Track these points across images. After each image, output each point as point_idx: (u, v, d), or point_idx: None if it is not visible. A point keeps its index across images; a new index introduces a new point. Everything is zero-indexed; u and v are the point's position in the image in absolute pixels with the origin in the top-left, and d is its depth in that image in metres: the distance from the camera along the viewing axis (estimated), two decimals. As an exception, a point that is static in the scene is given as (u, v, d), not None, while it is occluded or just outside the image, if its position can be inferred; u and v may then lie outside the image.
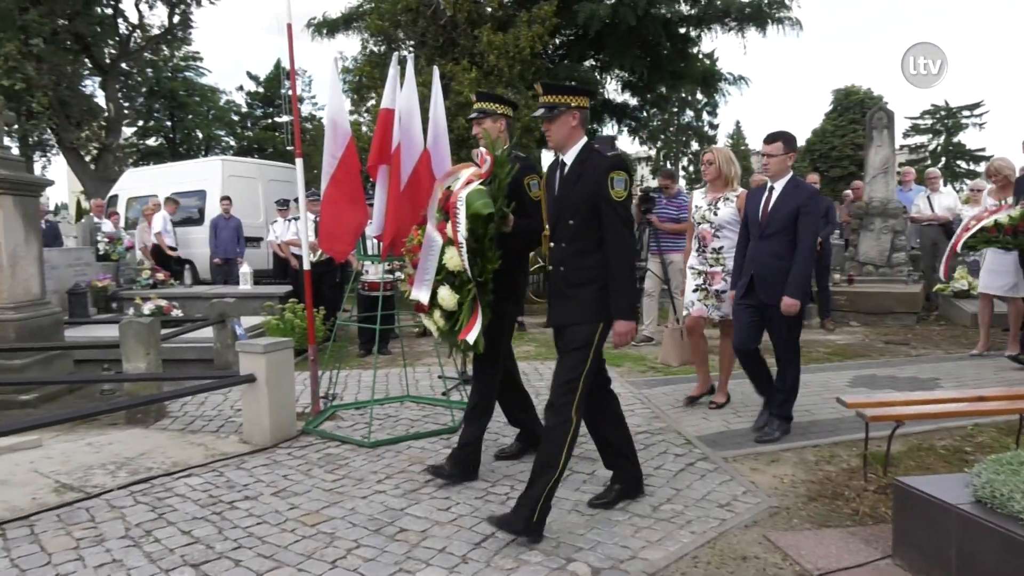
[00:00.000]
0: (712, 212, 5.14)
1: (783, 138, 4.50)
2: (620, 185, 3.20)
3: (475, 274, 3.60)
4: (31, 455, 4.32)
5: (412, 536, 3.25)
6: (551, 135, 3.38)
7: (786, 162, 4.49)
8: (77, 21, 21.67)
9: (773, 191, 4.51)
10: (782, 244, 4.41)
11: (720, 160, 5.15)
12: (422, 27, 14.26)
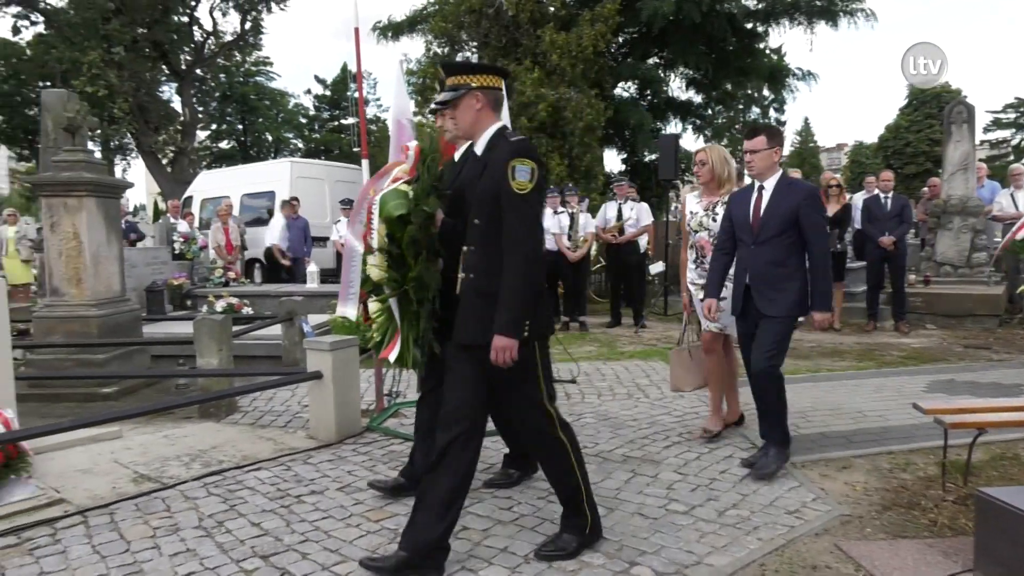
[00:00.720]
0: (710, 218, 4.53)
1: (767, 131, 4.04)
2: (523, 175, 2.73)
3: (391, 284, 3.22)
4: (112, 446, 4.51)
5: (474, 535, 3.26)
6: (456, 123, 3.04)
7: (772, 157, 4.00)
8: (155, 29, 22.56)
9: (763, 191, 4.01)
10: (780, 250, 3.92)
11: (714, 160, 4.54)
12: (485, 28, 14.34)
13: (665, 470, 4.05)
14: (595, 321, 9.90)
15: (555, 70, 13.47)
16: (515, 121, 13.03)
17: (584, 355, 7.53)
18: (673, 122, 17.40)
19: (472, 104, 2.92)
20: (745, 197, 4.09)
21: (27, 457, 3.86)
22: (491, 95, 2.95)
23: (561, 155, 13.42)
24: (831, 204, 8.84)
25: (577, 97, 13.45)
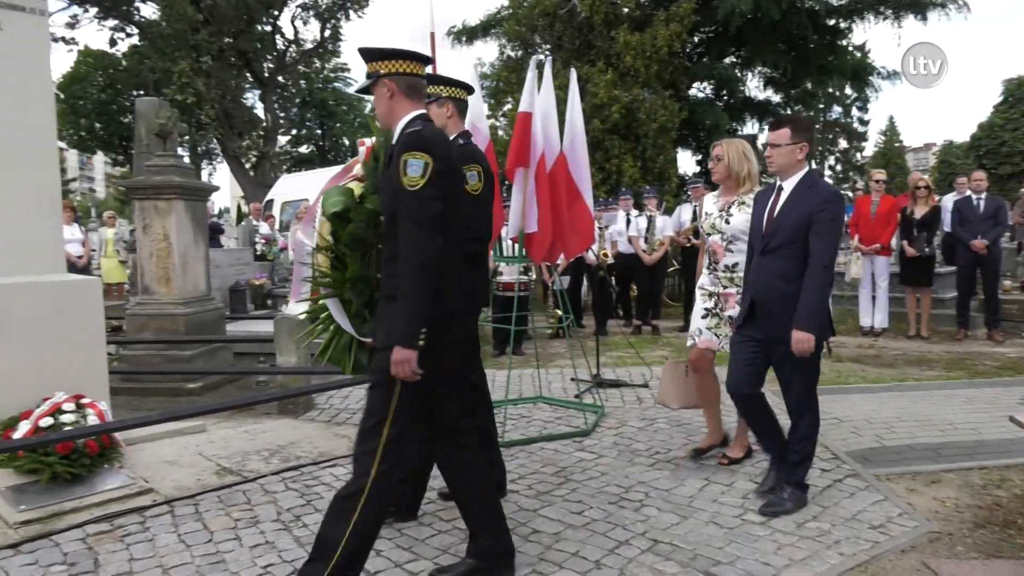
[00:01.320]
0: (723, 220, 4.05)
1: (792, 123, 3.55)
2: (414, 170, 2.52)
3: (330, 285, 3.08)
4: (196, 439, 4.68)
5: (545, 538, 3.25)
6: (376, 114, 2.88)
7: (795, 154, 3.48)
8: (241, 39, 23.43)
9: (782, 192, 3.53)
10: (790, 261, 3.42)
11: (731, 156, 4.06)
12: (558, 30, 14.33)
13: (741, 479, 3.95)
14: (669, 325, 9.75)
15: (629, 71, 13.36)
16: (588, 123, 12.93)
17: (657, 359, 7.41)
18: (750, 123, 17.03)
19: (383, 93, 2.74)
20: (764, 198, 3.64)
21: (119, 448, 4.05)
22: (403, 81, 2.73)
23: (634, 157, 13.29)
24: (919, 206, 8.48)
25: (651, 98, 13.30)
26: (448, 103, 3.51)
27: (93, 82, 28.07)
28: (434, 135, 2.68)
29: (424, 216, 2.53)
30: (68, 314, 4.25)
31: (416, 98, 2.77)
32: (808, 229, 3.36)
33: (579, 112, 5.31)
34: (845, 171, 38.31)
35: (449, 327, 2.69)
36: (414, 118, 2.71)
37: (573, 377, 6.32)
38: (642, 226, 9.45)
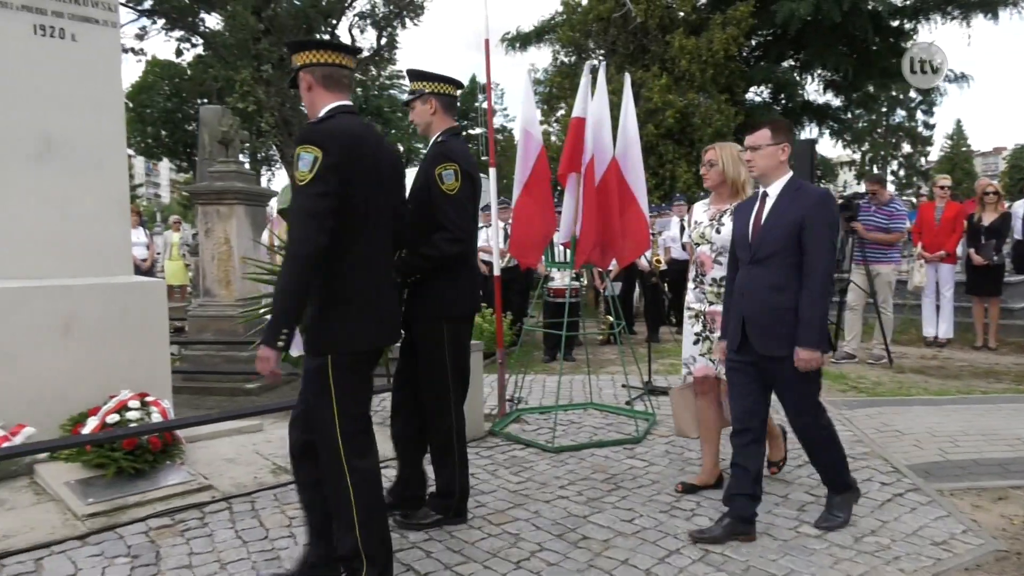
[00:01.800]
0: (714, 229, 3.75)
1: (772, 124, 3.29)
2: (304, 164, 2.45)
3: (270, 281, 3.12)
4: (254, 438, 4.80)
5: (595, 544, 3.23)
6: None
7: (778, 155, 3.23)
8: (300, 47, 23.86)
9: (767, 198, 3.26)
10: (781, 271, 3.16)
11: (725, 160, 3.75)
12: (612, 35, 14.30)
13: (796, 490, 3.87)
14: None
15: (684, 76, 13.25)
16: (642, 128, 12.85)
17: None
18: (809, 127, 16.69)
19: (303, 86, 2.73)
20: (748, 206, 3.36)
21: (181, 445, 4.18)
22: (319, 72, 2.69)
23: (689, 162, 13.15)
24: (987, 212, 8.19)
25: (706, 103, 13.15)
26: (431, 99, 3.41)
27: (160, 91, 29.12)
28: (336, 128, 2.56)
29: (303, 212, 2.45)
30: (134, 315, 4.40)
31: (336, 89, 2.69)
32: (799, 236, 3.12)
33: (633, 117, 5.29)
34: (909, 176, 37.19)
35: (352, 334, 2.58)
36: (331, 110, 2.64)
37: (624, 384, 6.27)
38: (696, 232, 9.34)
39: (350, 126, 2.61)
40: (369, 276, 2.60)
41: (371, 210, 2.59)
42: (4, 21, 4.14)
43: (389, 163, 2.76)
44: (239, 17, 21.55)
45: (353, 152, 2.53)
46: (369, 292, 2.60)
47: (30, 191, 4.28)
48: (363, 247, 2.57)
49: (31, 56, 4.24)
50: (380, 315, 2.66)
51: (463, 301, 3.39)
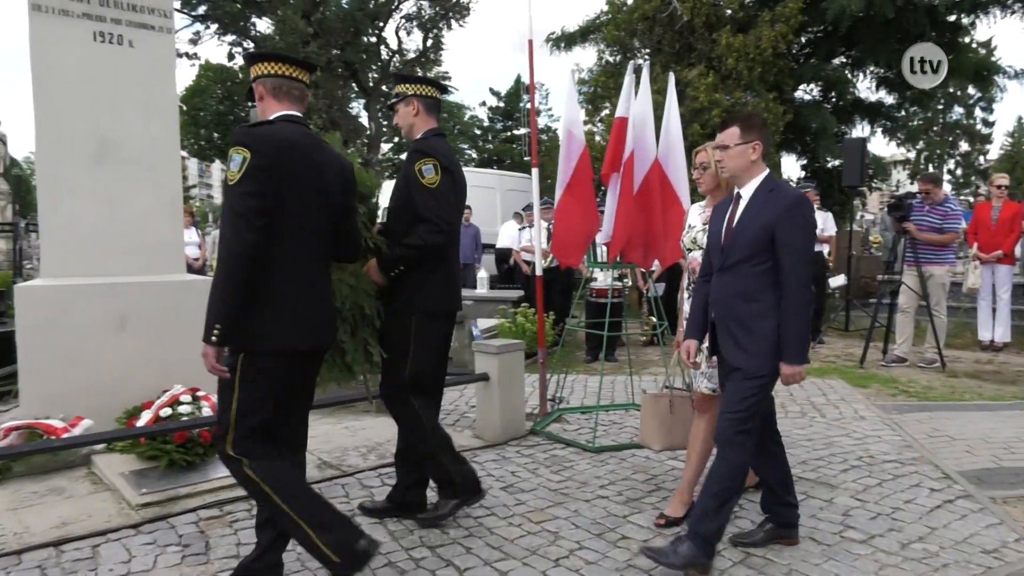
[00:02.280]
0: (706, 235, 3.44)
1: (742, 121, 3.04)
2: (233, 164, 2.50)
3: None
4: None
5: (634, 544, 3.23)
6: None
7: (748, 154, 2.99)
8: (347, 50, 24.33)
9: (740, 200, 3.04)
10: (750, 279, 2.94)
11: (708, 159, 3.50)
12: (658, 34, 14.18)
13: (841, 495, 3.80)
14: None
15: (731, 74, 13.06)
16: (687, 128, 12.74)
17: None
18: (860, 125, 16.27)
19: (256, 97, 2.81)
20: (724, 208, 3.14)
21: (230, 439, 4.29)
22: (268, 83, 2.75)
23: (735, 162, 12.97)
24: (1048, 213, 7.91)
25: (754, 101, 12.95)
26: (414, 101, 3.44)
27: (212, 94, 29.84)
28: (269, 132, 2.60)
29: (234, 211, 2.50)
30: (186, 312, 4.53)
31: (286, 100, 2.74)
32: (772, 241, 2.89)
33: (676, 117, 5.24)
34: (967, 175, 36.10)
35: (266, 334, 2.57)
36: (275, 118, 2.70)
37: (667, 385, 6.21)
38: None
39: (285, 132, 2.64)
40: (292, 280, 2.61)
41: (301, 216, 2.61)
42: (66, 29, 4.31)
43: (334, 174, 2.75)
44: (289, 21, 22.00)
45: (283, 156, 2.56)
46: (290, 295, 2.60)
47: (88, 192, 4.45)
48: (288, 251, 2.58)
49: (91, 62, 4.40)
50: (299, 319, 2.62)
51: (436, 296, 3.33)
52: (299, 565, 3.03)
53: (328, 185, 2.71)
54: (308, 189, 2.62)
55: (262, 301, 2.54)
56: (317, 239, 2.69)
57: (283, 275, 2.58)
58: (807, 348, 2.95)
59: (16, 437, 3.95)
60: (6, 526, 3.36)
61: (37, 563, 3.03)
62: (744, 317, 2.95)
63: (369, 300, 3.25)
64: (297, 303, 2.61)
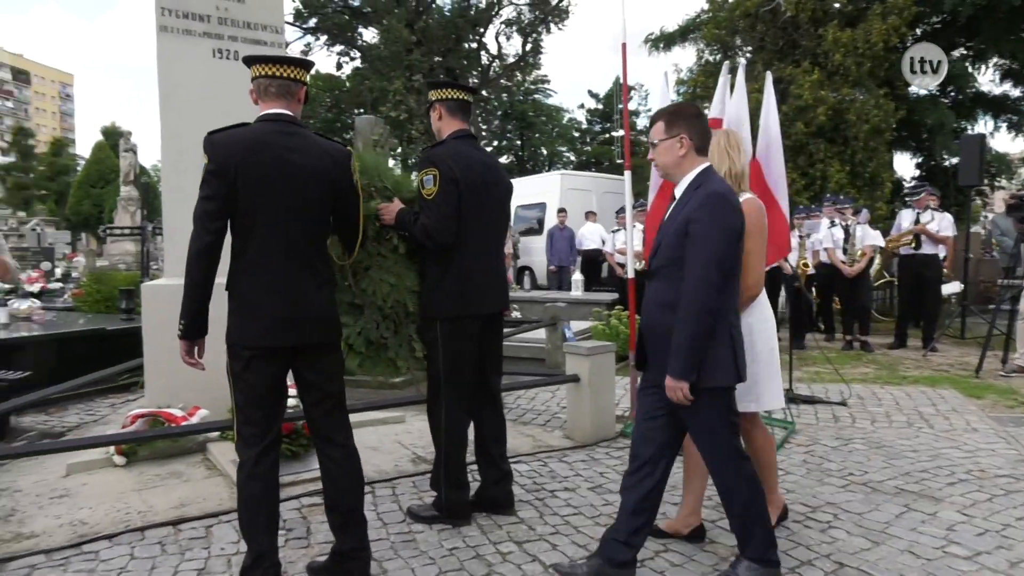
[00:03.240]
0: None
1: (666, 115, 2.85)
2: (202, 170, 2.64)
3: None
4: (396, 428, 5.10)
5: (721, 549, 3.21)
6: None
7: (675, 150, 2.78)
8: (449, 57, 24.87)
9: (674, 200, 2.85)
10: (670, 285, 2.70)
11: (712, 150, 3.10)
12: (760, 31, 13.82)
13: (946, 509, 3.63)
14: (879, 341, 9.07)
15: (837, 70, 12.57)
16: (791, 126, 12.39)
17: (858, 376, 6.95)
18: (982, 120, 15.33)
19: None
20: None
21: (331, 431, 4.51)
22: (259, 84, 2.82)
23: (842, 161, 12.48)
24: None
25: (862, 98, 12.42)
26: (437, 106, 3.52)
27: (321, 103, 31.12)
28: (228, 136, 2.66)
29: (195, 214, 2.63)
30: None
31: (266, 98, 2.79)
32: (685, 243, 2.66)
33: (775, 117, 5.14)
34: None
35: (238, 329, 2.67)
36: (257, 118, 2.78)
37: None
38: (838, 237, 8.88)
39: (250, 133, 2.69)
40: (256, 278, 2.66)
41: (267, 214, 2.64)
42: (190, 46, 4.65)
43: (312, 167, 2.72)
44: (393, 30, 22.69)
45: (235, 159, 2.60)
46: (254, 293, 2.65)
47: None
48: (253, 249, 2.65)
49: (211, 76, 4.73)
50: (263, 316, 2.66)
51: (451, 301, 3.34)
52: (392, 553, 3.18)
53: (302, 180, 2.69)
54: (274, 187, 2.64)
55: (234, 299, 2.69)
56: (287, 236, 2.68)
57: (247, 274, 2.67)
58: (693, 362, 2.59)
59: (141, 424, 4.30)
60: (132, 505, 3.67)
61: (158, 539, 3.30)
62: (660, 329, 2.73)
63: (412, 297, 3.41)
64: (259, 301, 2.66)
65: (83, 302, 9.61)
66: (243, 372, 2.69)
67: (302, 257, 2.72)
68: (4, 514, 3.57)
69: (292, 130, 2.75)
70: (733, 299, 2.73)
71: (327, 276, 2.85)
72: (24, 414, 5.55)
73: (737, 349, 2.70)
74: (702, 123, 2.84)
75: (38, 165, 60.89)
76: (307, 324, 2.73)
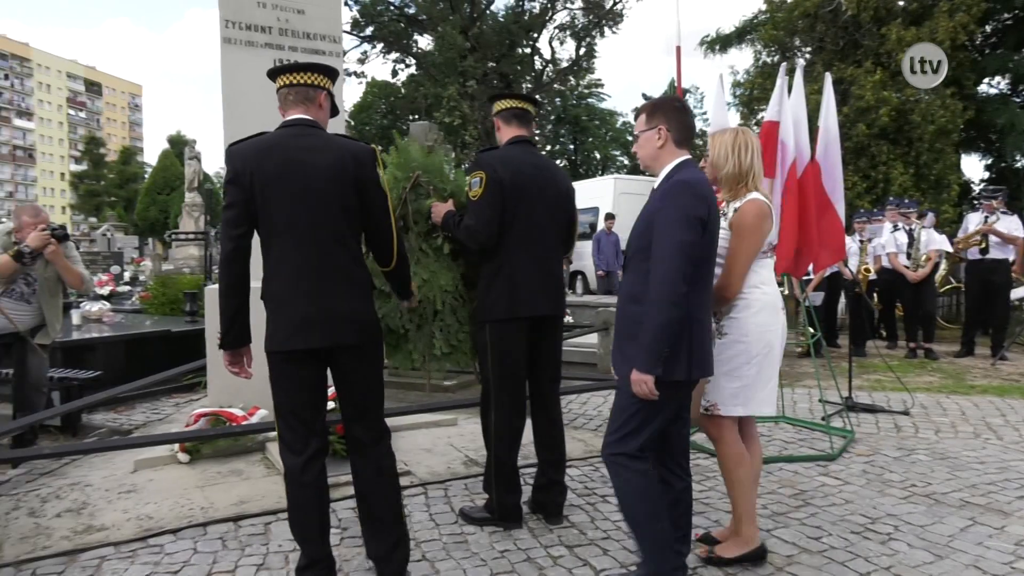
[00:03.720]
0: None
1: (647, 107, 2.82)
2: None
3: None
4: (448, 431, 5.15)
5: (777, 559, 3.15)
6: None
7: (653, 141, 2.74)
8: (503, 62, 25.01)
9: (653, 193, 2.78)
10: (637, 278, 2.65)
11: (715, 150, 3.10)
12: (820, 31, 13.54)
13: (1016, 523, 3.50)
14: (944, 349, 8.78)
15: (901, 70, 12.23)
16: (852, 128, 12.10)
17: (922, 385, 6.73)
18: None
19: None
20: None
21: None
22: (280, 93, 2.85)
23: (906, 163, 12.13)
24: None
25: (928, 98, 12.06)
26: (496, 119, 3.67)
27: (377, 109, 31.70)
28: (244, 145, 2.68)
29: (221, 222, 2.66)
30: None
31: (285, 106, 2.81)
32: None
33: (835, 118, 5.04)
34: None
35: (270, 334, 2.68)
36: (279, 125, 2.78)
37: (821, 398, 5.95)
38: (902, 241, 8.60)
39: (265, 139, 2.70)
40: (280, 281, 2.66)
41: (287, 216, 2.62)
42: (253, 57, 4.80)
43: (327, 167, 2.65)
44: (448, 37, 22.93)
45: (249, 165, 2.61)
46: (280, 296, 2.65)
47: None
48: (277, 252, 2.66)
49: (272, 86, 4.85)
50: (289, 318, 2.63)
51: (502, 304, 3.35)
52: (444, 554, 3.21)
53: (319, 179, 2.64)
54: (289, 188, 2.61)
55: (266, 303, 2.70)
56: (309, 237, 2.64)
57: (273, 279, 2.68)
58: (658, 356, 2.50)
59: (204, 423, 4.44)
60: (195, 501, 3.80)
61: (219, 535, 3.41)
62: (627, 321, 2.67)
63: (442, 296, 3.47)
64: (285, 304, 2.65)
65: (150, 304, 9.98)
66: (278, 377, 2.68)
67: (328, 257, 2.65)
68: (76, 507, 3.74)
69: (308, 132, 2.72)
70: (701, 293, 2.63)
71: (360, 277, 2.76)
72: (95, 412, 5.80)
73: (695, 345, 2.60)
74: (682, 116, 2.78)
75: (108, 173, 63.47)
76: (336, 325, 2.65)
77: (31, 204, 5.15)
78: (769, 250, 3.12)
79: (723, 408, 3.00)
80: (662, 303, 2.48)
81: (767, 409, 3.12)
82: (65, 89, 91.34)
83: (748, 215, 2.96)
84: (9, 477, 4.23)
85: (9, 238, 4.64)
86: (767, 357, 3.02)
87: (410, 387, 6.72)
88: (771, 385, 3.08)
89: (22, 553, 3.20)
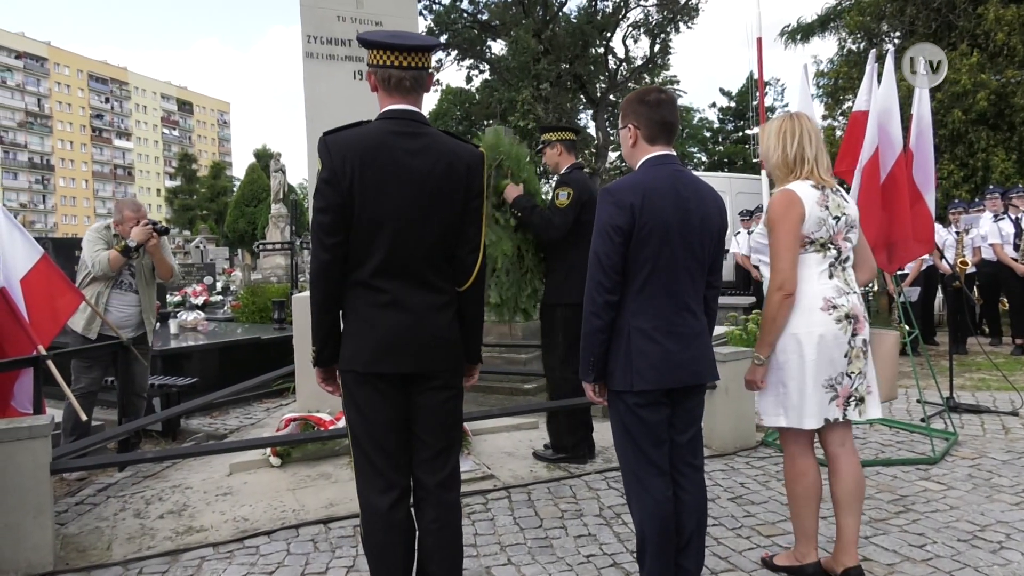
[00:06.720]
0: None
1: (621, 106, 2.72)
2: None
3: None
4: (530, 434, 5.14)
5: (877, 568, 3.01)
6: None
7: (627, 139, 2.66)
8: (576, 64, 24.92)
9: None
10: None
11: (761, 142, 2.99)
12: (910, 14, 12.94)
13: None
14: None
15: (1000, 51, 11.57)
16: (946, 114, 11.51)
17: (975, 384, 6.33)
18: None
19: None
20: None
21: (468, 437, 4.62)
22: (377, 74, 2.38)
23: (1007, 149, 11.45)
24: None
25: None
26: (557, 144, 4.52)
27: (452, 116, 32.05)
28: (343, 138, 2.31)
29: (312, 229, 2.31)
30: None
31: (395, 92, 2.38)
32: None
33: (927, 105, 4.80)
34: None
35: (350, 353, 2.33)
36: (379, 114, 2.41)
37: (920, 399, 5.67)
38: (1008, 231, 8.10)
39: (366, 134, 2.32)
40: (372, 297, 2.31)
41: (375, 227, 2.27)
42: (334, 70, 4.94)
43: (429, 171, 2.30)
44: (521, 41, 23.01)
45: (350, 165, 2.25)
46: (367, 313, 2.31)
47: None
48: (369, 266, 2.29)
49: (353, 97, 4.98)
50: (377, 339, 2.29)
51: (577, 291, 3.17)
52: (529, 558, 3.20)
53: (424, 189, 2.30)
54: (392, 197, 2.27)
55: (347, 319, 2.37)
56: (405, 251, 2.30)
57: (362, 291, 2.32)
58: (587, 364, 2.52)
59: (294, 427, 4.58)
60: (287, 503, 3.91)
61: (311, 537, 3.50)
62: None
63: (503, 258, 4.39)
64: (373, 323, 2.30)
65: (241, 313, 10.38)
66: (351, 399, 2.36)
67: (421, 274, 2.33)
68: (177, 508, 3.91)
69: (416, 129, 2.34)
70: (646, 300, 2.48)
71: (449, 297, 2.41)
72: (192, 416, 6.06)
73: (635, 355, 2.46)
74: (652, 111, 2.59)
75: (200, 188, 66.47)
76: (425, 350, 2.33)
77: (132, 199, 5.43)
78: (810, 244, 2.83)
79: (765, 418, 2.89)
80: (587, 313, 2.51)
81: (810, 423, 2.80)
82: (160, 109, 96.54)
83: (774, 206, 2.81)
84: (116, 480, 4.46)
85: (109, 232, 4.92)
86: (809, 366, 2.76)
87: (490, 391, 6.76)
88: (813, 399, 2.78)
89: (129, 553, 3.37)
